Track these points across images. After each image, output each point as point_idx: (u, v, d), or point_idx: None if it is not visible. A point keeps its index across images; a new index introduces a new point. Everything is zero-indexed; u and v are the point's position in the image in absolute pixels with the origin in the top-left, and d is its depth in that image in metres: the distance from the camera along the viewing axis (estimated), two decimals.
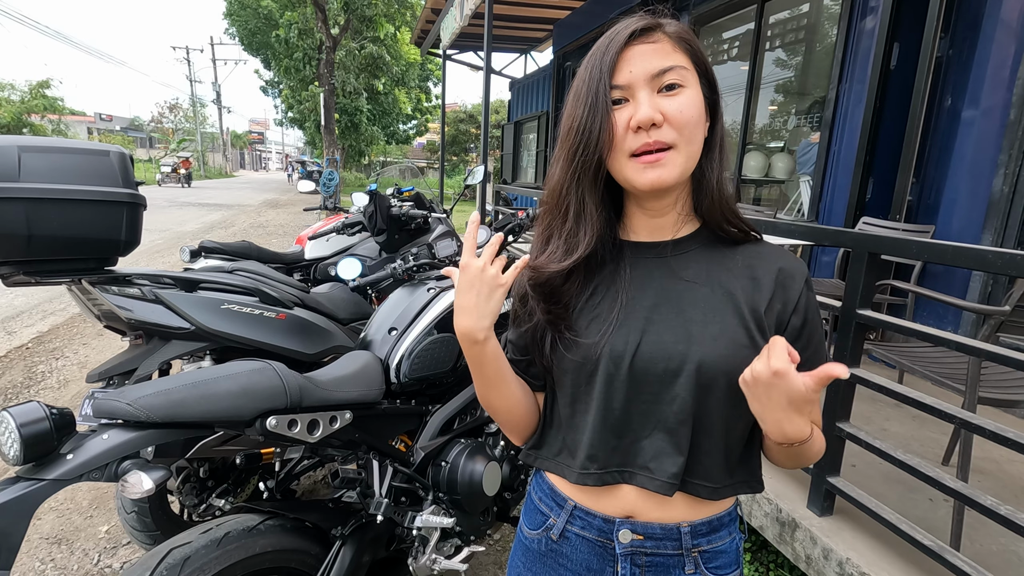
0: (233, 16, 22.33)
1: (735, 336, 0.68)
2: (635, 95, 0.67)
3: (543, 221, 0.77)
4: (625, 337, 0.70)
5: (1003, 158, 2.76)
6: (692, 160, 0.69)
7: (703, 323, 0.69)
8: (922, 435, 2.38)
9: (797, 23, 4.21)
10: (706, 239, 0.75)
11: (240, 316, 1.74)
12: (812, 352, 0.72)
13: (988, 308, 1.66)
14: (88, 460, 0.93)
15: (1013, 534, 1.24)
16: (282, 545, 1.24)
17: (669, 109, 0.66)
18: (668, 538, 0.72)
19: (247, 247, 2.83)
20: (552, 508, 0.78)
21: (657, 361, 0.69)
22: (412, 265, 1.78)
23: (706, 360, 0.67)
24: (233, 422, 1.10)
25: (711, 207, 0.72)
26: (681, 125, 0.66)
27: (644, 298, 0.72)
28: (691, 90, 0.67)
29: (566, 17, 7.65)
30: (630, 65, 0.67)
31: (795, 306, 0.71)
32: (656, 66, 0.66)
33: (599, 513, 0.74)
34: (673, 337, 0.69)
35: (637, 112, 0.66)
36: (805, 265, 0.75)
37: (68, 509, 2.33)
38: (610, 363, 0.70)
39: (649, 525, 0.72)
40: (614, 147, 0.68)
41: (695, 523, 0.72)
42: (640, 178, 0.67)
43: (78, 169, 1.40)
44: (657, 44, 0.67)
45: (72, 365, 3.84)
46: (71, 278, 1.46)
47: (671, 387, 0.69)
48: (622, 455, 0.72)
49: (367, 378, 1.45)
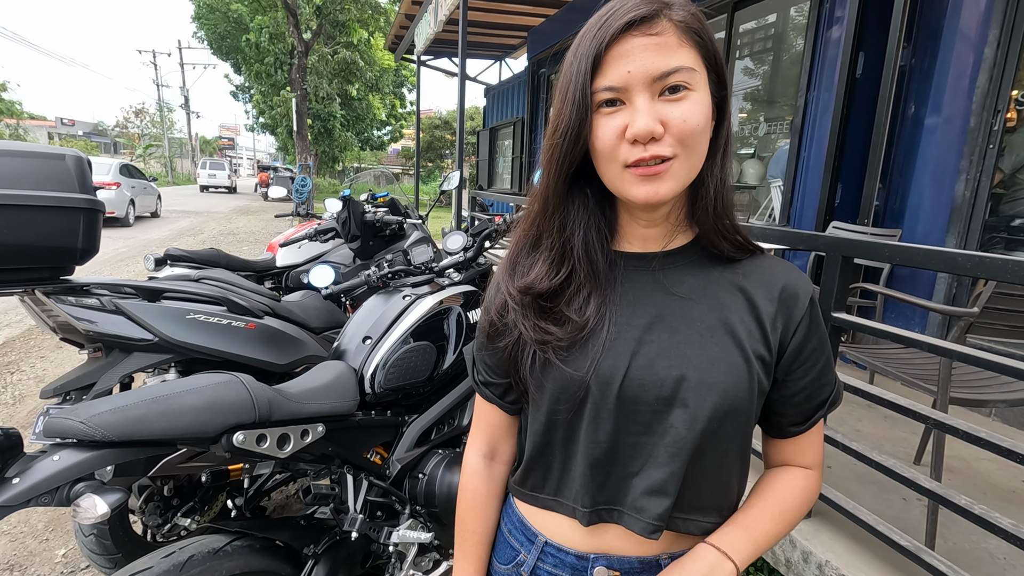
0: (202, 20, 21.90)
1: (732, 359, 0.61)
2: (632, 99, 0.57)
3: (527, 225, 0.70)
4: (613, 361, 0.62)
5: (964, 164, 2.86)
6: (694, 171, 0.60)
7: (699, 345, 0.62)
8: (893, 435, 2.43)
9: (766, 32, 4.30)
10: (701, 251, 0.67)
11: (207, 326, 1.67)
12: (816, 375, 0.66)
13: (958, 310, 1.69)
14: (36, 484, 0.86)
15: (984, 532, 1.26)
16: (251, 567, 1.18)
17: (672, 118, 0.56)
18: (646, 571, 0.67)
19: (215, 255, 2.75)
20: (522, 543, 0.73)
21: (648, 388, 0.61)
22: (387, 272, 1.74)
23: (701, 387, 0.60)
24: (197, 439, 1.04)
25: (704, 218, 0.64)
26: (685, 136, 0.57)
27: (636, 316, 0.64)
28: (698, 93, 0.57)
29: (540, 25, 7.70)
30: (627, 63, 0.56)
31: (797, 326, 0.64)
32: (659, 67, 0.56)
33: (572, 550, 0.68)
34: (666, 361, 0.62)
35: (634, 123, 0.56)
36: (811, 281, 0.68)
37: (22, 532, 2.20)
38: (597, 391, 0.62)
39: (627, 559, 0.67)
40: (606, 156, 0.59)
41: (676, 554, 0.67)
42: (634, 192, 0.59)
43: (32, 174, 1.33)
44: (660, 37, 0.56)
45: (29, 379, 3.67)
46: (24, 288, 1.38)
47: (664, 417, 0.62)
48: (610, 493, 0.65)
49: (340, 389, 1.40)
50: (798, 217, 3.80)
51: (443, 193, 3.00)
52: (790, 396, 0.67)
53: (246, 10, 19.68)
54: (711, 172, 0.63)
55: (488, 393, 0.76)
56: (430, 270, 1.81)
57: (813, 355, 0.66)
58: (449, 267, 1.86)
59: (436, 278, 1.80)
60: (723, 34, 4.51)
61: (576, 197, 0.66)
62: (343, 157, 26.21)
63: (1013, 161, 2.80)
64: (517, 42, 9.29)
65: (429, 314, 1.64)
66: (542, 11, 7.18)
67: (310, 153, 19.81)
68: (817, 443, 0.71)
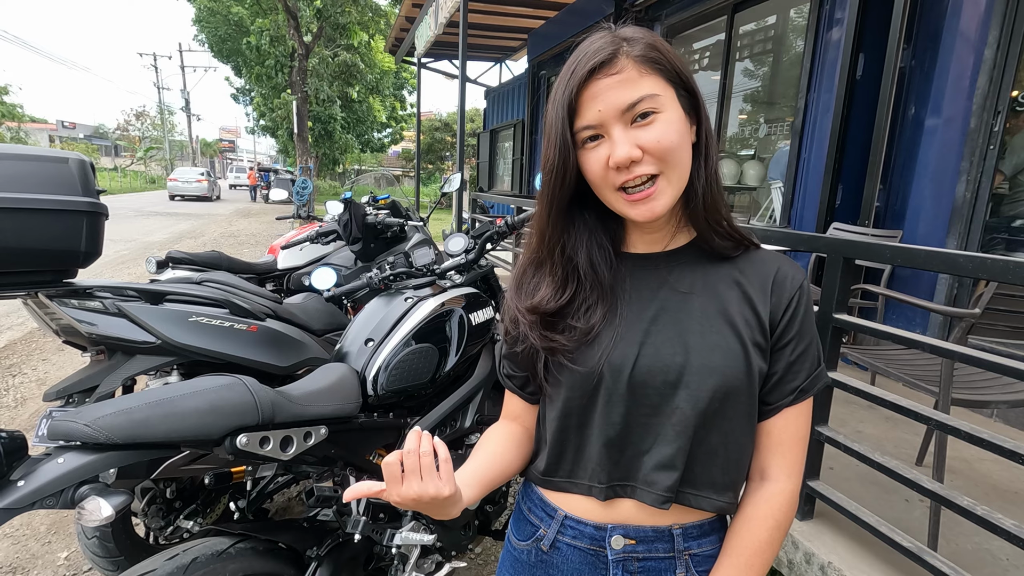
0: (202, 22, 21.93)
1: (730, 346, 0.68)
2: (609, 132, 0.65)
3: (529, 253, 0.77)
4: (624, 351, 0.69)
5: (965, 165, 2.86)
6: (682, 180, 0.67)
7: (700, 334, 0.69)
8: (895, 436, 2.43)
9: (766, 34, 4.31)
10: (701, 248, 0.74)
11: (209, 329, 1.68)
12: (799, 356, 0.70)
13: (959, 311, 1.69)
14: (41, 487, 0.87)
15: (986, 533, 1.26)
16: (254, 569, 1.18)
17: (646, 140, 0.63)
18: (660, 540, 0.72)
19: (217, 257, 2.75)
20: (542, 519, 0.77)
21: (655, 374, 0.68)
22: (389, 274, 1.74)
23: (703, 371, 0.67)
24: (201, 441, 1.04)
25: (695, 214, 0.70)
26: (662, 153, 0.64)
27: (643, 311, 0.71)
28: (667, 113, 0.65)
29: (540, 27, 7.72)
30: (597, 103, 0.64)
31: (784, 308, 0.70)
32: (624, 100, 0.63)
33: (590, 521, 0.73)
34: (671, 349, 0.69)
35: (614, 152, 0.64)
36: (803, 271, 0.74)
37: (24, 535, 2.20)
38: (609, 378, 0.69)
39: (641, 528, 0.72)
40: (599, 184, 0.67)
41: (686, 525, 0.73)
42: (632, 213, 0.67)
43: (35, 177, 1.33)
44: (622, 74, 0.64)
45: (30, 382, 3.67)
46: (27, 291, 1.38)
47: (671, 399, 0.68)
48: (624, 469, 0.71)
49: (343, 391, 1.40)
50: (799, 218, 3.80)
51: (444, 195, 3.01)
52: (769, 375, 0.71)
53: (247, 13, 19.72)
54: (698, 175, 0.69)
55: (511, 384, 0.84)
56: (432, 272, 1.81)
57: (794, 339, 0.70)
58: (451, 269, 1.86)
59: (438, 280, 1.80)
60: (723, 36, 4.52)
61: (576, 221, 0.73)
62: (343, 159, 26.24)
63: (1014, 163, 2.80)
64: (517, 44, 9.31)
65: (431, 316, 1.64)
66: (542, 13, 7.20)
67: (311, 155, 19.84)
68: (793, 445, 0.72)
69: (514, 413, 0.85)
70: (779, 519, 0.70)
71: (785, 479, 0.71)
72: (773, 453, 0.72)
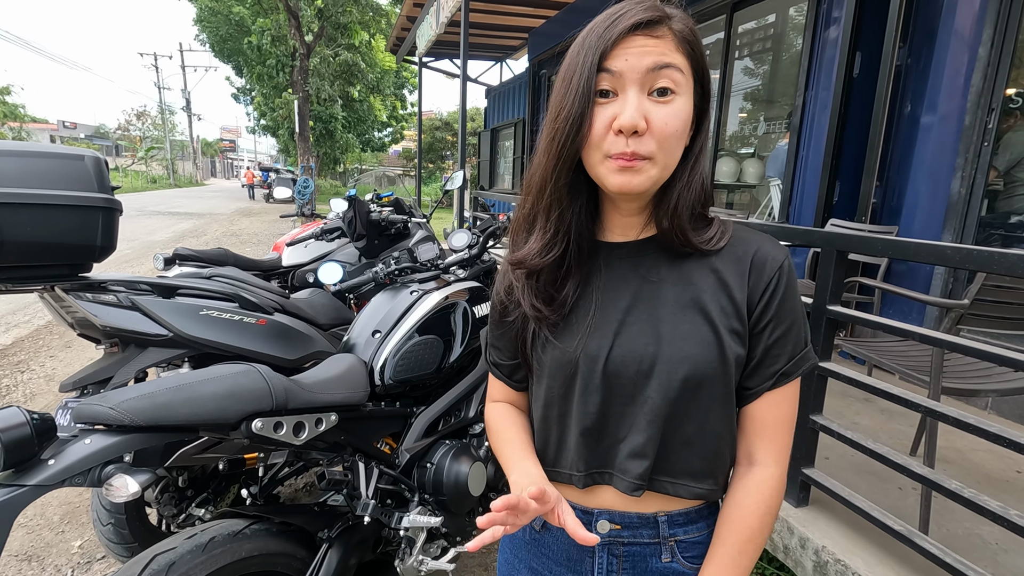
0: (203, 22, 21.95)
1: (703, 335, 0.67)
2: (624, 90, 0.63)
3: (524, 208, 0.74)
4: (599, 341, 0.70)
5: (960, 162, 2.90)
6: (667, 171, 0.66)
7: (672, 323, 0.68)
8: (890, 428, 2.47)
9: (765, 32, 4.35)
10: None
11: (220, 322, 1.72)
12: (777, 340, 0.69)
13: (948, 302, 1.74)
14: (71, 465, 0.92)
15: (977, 518, 1.30)
16: (268, 549, 1.23)
17: (655, 117, 0.62)
18: (645, 526, 0.73)
19: (223, 254, 2.79)
20: None
21: (629, 364, 0.69)
22: (394, 269, 1.79)
23: (673, 360, 0.67)
24: (218, 425, 1.09)
25: (661, 218, 0.69)
26: (664, 137, 0.62)
27: (618, 300, 0.71)
28: (682, 99, 0.64)
29: (541, 26, 7.75)
30: (626, 53, 0.62)
31: (763, 291, 0.68)
32: (653, 60, 0.62)
33: (578, 505, 0.75)
34: (644, 339, 0.69)
35: (622, 114, 0.62)
36: (785, 249, 0.71)
37: (38, 525, 2.25)
38: (585, 368, 0.70)
39: (626, 514, 0.73)
40: (592, 144, 0.65)
41: (672, 513, 0.73)
42: (611, 179, 0.64)
43: (52, 173, 1.37)
44: (660, 40, 0.63)
45: (39, 378, 3.72)
46: (44, 285, 1.43)
47: (643, 389, 0.69)
48: (601, 458, 0.73)
49: (352, 380, 1.45)
50: (797, 215, 3.84)
51: (446, 193, 3.05)
52: (748, 359, 0.70)
53: (248, 13, 19.73)
54: (680, 177, 0.68)
55: (498, 372, 0.85)
56: (436, 267, 1.86)
57: (771, 322, 0.69)
58: (455, 264, 1.90)
59: (442, 274, 1.85)
60: (722, 34, 4.56)
61: (576, 184, 0.70)
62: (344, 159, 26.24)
63: (1008, 159, 2.84)
64: (518, 43, 9.34)
65: (436, 309, 1.68)
66: (543, 12, 7.23)
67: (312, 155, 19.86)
68: (778, 429, 0.72)
69: (501, 398, 0.87)
70: (770, 504, 0.70)
71: (773, 464, 0.71)
72: (759, 437, 0.72)
